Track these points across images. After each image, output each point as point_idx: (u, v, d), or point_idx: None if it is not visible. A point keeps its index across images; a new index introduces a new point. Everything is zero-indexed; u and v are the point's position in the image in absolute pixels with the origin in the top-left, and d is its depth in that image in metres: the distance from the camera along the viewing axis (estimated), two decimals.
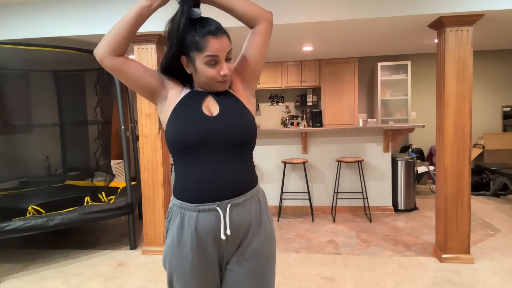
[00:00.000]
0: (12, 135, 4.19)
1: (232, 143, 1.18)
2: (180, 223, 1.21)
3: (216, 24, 1.17)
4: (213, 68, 1.16)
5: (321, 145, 4.67)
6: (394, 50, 5.27)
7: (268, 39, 1.28)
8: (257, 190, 1.27)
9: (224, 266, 1.25)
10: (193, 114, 1.19)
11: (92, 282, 2.92)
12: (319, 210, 4.71)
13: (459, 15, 2.88)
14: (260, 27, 1.25)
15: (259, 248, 1.24)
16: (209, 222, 1.17)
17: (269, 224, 1.29)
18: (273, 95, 6.58)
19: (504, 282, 2.73)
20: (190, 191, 1.19)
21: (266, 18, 1.25)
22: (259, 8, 1.25)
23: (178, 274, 1.23)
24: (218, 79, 1.18)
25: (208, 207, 1.17)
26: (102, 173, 4.39)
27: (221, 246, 1.21)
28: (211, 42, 1.13)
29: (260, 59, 1.29)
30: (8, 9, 3.26)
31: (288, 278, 2.88)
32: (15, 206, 3.50)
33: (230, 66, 1.19)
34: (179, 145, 1.17)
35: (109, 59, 1.16)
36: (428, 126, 6.06)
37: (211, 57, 1.14)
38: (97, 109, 4.25)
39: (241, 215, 1.20)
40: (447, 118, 3.02)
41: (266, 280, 1.26)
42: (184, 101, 1.23)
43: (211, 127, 1.17)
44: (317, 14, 3.03)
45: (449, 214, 3.07)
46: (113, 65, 1.18)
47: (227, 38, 1.17)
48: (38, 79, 4.37)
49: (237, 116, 1.21)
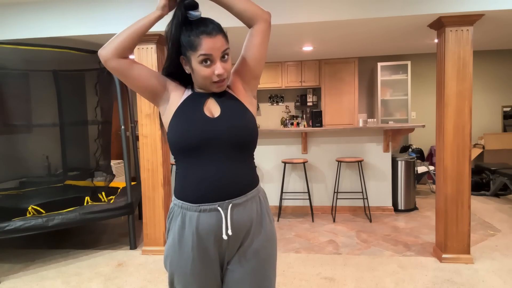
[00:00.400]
0: (12, 135, 4.19)
1: (233, 144, 1.19)
2: (181, 223, 1.21)
3: (212, 23, 1.18)
4: (208, 67, 1.17)
5: (321, 145, 4.67)
6: (394, 50, 5.27)
7: (267, 39, 1.28)
8: (258, 190, 1.28)
9: (225, 266, 1.25)
10: (194, 115, 1.20)
11: (92, 282, 2.92)
12: (319, 210, 4.71)
13: (459, 15, 2.88)
14: (258, 26, 1.25)
15: (260, 249, 1.24)
16: (210, 222, 1.18)
17: (270, 225, 1.29)
18: (273, 95, 6.58)
19: (504, 282, 2.73)
20: (191, 191, 1.19)
21: (264, 18, 1.25)
22: (258, 7, 1.25)
23: (179, 274, 1.23)
24: (213, 79, 1.19)
25: (210, 207, 1.18)
26: (102, 173, 4.39)
27: (222, 246, 1.21)
28: (204, 41, 1.14)
29: (259, 59, 1.29)
30: (8, 9, 3.26)
31: (288, 278, 2.88)
32: (15, 206, 3.50)
33: (226, 66, 1.19)
34: (180, 146, 1.19)
35: (114, 61, 1.18)
36: (428, 126, 6.06)
37: (205, 56, 1.15)
38: (97, 109, 4.25)
39: (242, 215, 1.20)
40: (447, 118, 3.02)
41: (267, 281, 1.26)
42: (186, 103, 1.24)
43: (213, 128, 1.18)
44: (317, 14, 3.03)
45: (449, 214, 3.07)
46: (118, 67, 1.20)
47: (223, 37, 1.18)
48: (38, 79, 4.37)
49: (238, 117, 1.22)
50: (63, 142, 4.54)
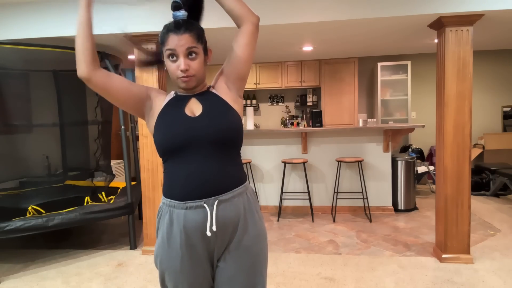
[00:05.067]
0: (12, 135, 4.19)
1: (216, 142, 1.22)
2: (169, 221, 1.23)
3: (186, 24, 1.22)
4: (173, 62, 1.22)
5: (321, 145, 4.67)
6: (394, 50, 5.27)
7: (253, 41, 1.29)
8: (246, 187, 1.29)
9: (216, 264, 1.27)
10: (176, 116, 1.24)
11: (92, 282, 2.92)
12: (319, 210, 4.71)
13: (459, 15, 2.88)
14: (244, 27, 1.27)
15: (250, 245, 1.26)
16: (197, 219, 1.20)
17: (259, 221, 1.31)
18: (273, 95, 6.58)
19: (504, 282, 2.73)
20: (177, 189, 1.22)
21: (251, 20, 1.26)
22: (247, 8, 1.26)
23: (169, 272, 1.25)
24: (178, 74, 1.23)
25: (196, 204, 1.20)
26: (102, 173, 4.39)
27: (210, 243, 1.22)
28: (170, 37, 1.21)
29: (244, 60, 1.29)
30: (8, 9, 3.26)
31: (288, 278, 2.88)
32: (15, 206, 3.50)
33: (191, 63, 1.22)
34: (165, 146, 1.22)
35: (96, 74, 1.21)
36: (428, 126, 6.07)
37: (170, 51, 1.21)
38: (97, 109, 4.25)
39: (228, 211, 1.22)
40: (447, 118, 3.02)
41: (258, 276, 1.28)
42: (168, 105, 1.29)
43: (194, 127, 1.22)
44: (317, 14, 3.03)
45: (449, 214, 3.07)
46: (101, 80, 1.22)
47: (191, 36, 1.21)
48: (38, 79, 4.37)
49: (220, 115, 1.25)
50: (63, 142, 4.54)
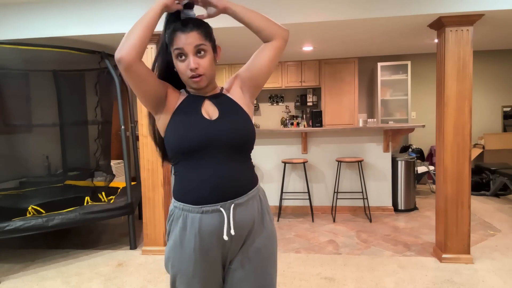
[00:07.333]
0: (12, 135, 4.19)
1: (233, 145, 1.20)
2: (183, 225, 1.21)
3: (191, 21, 1.19)
4: (183, 62, 1.19)
5: (321, 145, 4.67)
6: (394, 50, 5.27)
7: (279, 55, 1.29)
8: (258, 189, 1.29)
9: (228, 266, 1.26)
10: (193, 118, 1.21)
11: (92, 282, 2.92)
12: (319, 210, 4.71)
13: (459, 15, 2.88)
14: (274, 42, 1.26)
15: (262, 247, 1.26)
16: (213, 223, 1.18)
17: (270, 223, 1.31)
18: (273, 95, 6.58)
19: (504, 282, 2.73)
20: (192, 193, 1.19)
21: (282, 36, 1.27)
22: (277, 26, 1.26)
23: (181, 275, 1.24)
24: (188, 74, 1.19)
25: (212, 208, 1.18)
26: (102, 173, 4.39)
27: (225, 246, 1.22)
28: (178, 36, 1.18)
29: (266, 72, 1.29)
30: (8, 9, 3.26)
31: (288, 278, 2.88)
32: (15, 206, 3.50)
33: (200, 61, 1.19)
34: (180, 148, 1.19)
35: (138, 65, 1.12)
36: (428, 126, 6.06)
37: (178, 50, 1.18)
38: (97, 109, 4.25)
39: (244, 214, 1.21)
40: (447, 118, 3.02)
41: (269, 278, 1.28)
42: (183, 105, 1.25)
43: (213, 130, 1.19)
44: (317, 14, 3.03)
45: (449, 214, 3.07)
46: (141, 71, 1.14)
47: (199, 34, 1.18)
48: (38, 79, 4.37)
49: (236, 120, 1.24)
50: (63, 142, 4.54)
